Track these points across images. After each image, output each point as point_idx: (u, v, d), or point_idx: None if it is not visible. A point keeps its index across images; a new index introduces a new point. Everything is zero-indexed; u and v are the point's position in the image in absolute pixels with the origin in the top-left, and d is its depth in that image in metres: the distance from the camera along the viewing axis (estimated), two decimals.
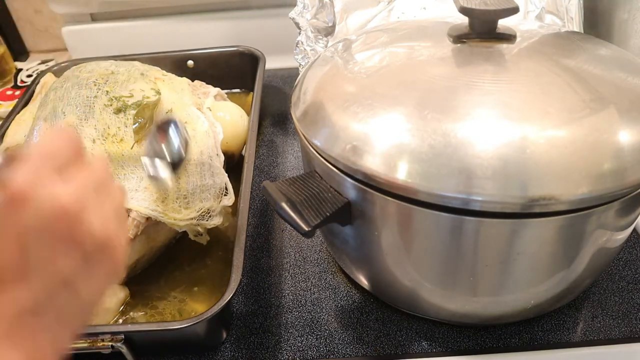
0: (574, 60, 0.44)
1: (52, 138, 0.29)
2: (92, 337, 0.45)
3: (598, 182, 0.36)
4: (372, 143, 0.39)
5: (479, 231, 0.39)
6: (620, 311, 0.51)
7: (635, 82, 0.42)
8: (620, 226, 0.42)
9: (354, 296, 0.54)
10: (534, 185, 0.36)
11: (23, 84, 0.92)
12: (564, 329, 0.50)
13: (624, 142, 0.37)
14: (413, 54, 0.46)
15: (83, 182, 0.29)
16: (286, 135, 0.78)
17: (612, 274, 0.54)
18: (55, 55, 1.02)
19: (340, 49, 0.52)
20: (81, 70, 0.64)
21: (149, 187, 0.54)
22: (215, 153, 0.59)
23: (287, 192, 0.41)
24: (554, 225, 0.38)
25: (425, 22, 0.56)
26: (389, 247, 0.44)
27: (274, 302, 0.54)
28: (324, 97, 0.45)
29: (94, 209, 0.29)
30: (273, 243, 0.61)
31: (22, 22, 1.02)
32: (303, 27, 0.72)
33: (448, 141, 0.37)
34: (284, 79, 0.89)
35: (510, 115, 0.38)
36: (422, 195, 0.37)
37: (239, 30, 0.93)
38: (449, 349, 0.49)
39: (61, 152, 0.29)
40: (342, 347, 0.50)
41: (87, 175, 0.30)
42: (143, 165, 0.48)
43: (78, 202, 0.28)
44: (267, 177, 0.70)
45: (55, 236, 0.27)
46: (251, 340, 0.51)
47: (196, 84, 0.71)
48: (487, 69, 0.42)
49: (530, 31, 0.50)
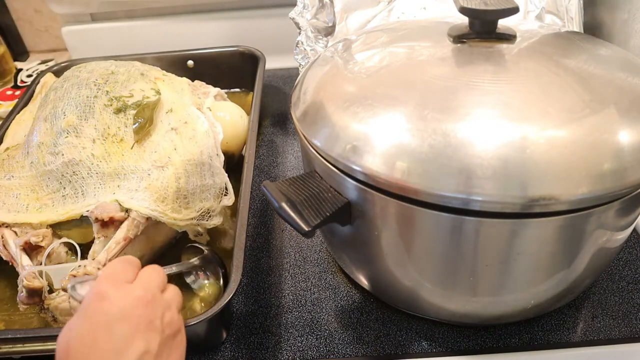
0: (574, 60, 0.44)
1: (114, 262, 0.39)
2: None
3: (598, 182, 0.36)
4: (372, 143, 0.39)
5: (479, 231, 0.39)
6: (620, 311, 0.51)
7: (635, 82, 0.42)
8: (620, 226, 0.42)
9: (354, 296, 0.54)
10: (534, 185, 0.36)
11: (23, 84, 0.92)
12: (564, 329, 0.50)
13: (624, 142, 0.37)
14: (413, 54, 0.46)
15: (147, 282, 0.38)
16: (286, 135, 0.78)
17: (612, 274, 0.54)
18: (55, 55, 1.02)
19: (340, 49, 0.52)
20: (81, 70, 0.64)
21: (149, 187, 0.54)
22: (215, 153, 0.59)
23: (287, 192, 0.41)
24: (554, 225, 0.38)
25: (425, 22, 0.56)
26: (389, 247, 0.44)
27: (274, 302, 0.54)
28: (324, 97, 0.45)
29: (160, 299, 0.37)
30: (273, 243, 0.61)
31: (22, 22, 1.02)
32: (303, 27, 0.72)
33: (448, 141, 0.37)
34: (284, 79, 0.89)
35: (510, 115, 0.38)
36: (422, 195, 0.37)
37: (239, 30, 0.93)
38: (449, 349, 0.49)
39: (126, 268, 0.38)
40: (342, 347, 0.50)
41: (149, 278, 0.38)
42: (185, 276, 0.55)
43: (147, 293, 0.36)
44: (267, 177, 0.70)
45: (135, 320, 0.34)
46: (251, 340, 0.51)
47: (196, 84, 0.71)
48: (487, 69, 0.42)
49: (530, 31, 0.50)
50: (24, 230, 0.53)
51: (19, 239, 0.52)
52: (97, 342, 0.33)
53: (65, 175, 0.55)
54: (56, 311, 0.49)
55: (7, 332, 0.46)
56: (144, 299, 0.36)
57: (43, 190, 0.55)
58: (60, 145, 0.55)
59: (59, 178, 0.55)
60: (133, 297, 0.35)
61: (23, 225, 0.53)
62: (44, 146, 0.56)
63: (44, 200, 0.55)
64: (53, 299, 0.49)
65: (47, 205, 0.55)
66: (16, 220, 0.54)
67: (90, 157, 0.55)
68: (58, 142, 0.56)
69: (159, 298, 0.37)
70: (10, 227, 0.54)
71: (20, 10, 1.01)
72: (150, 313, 0.35)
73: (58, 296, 0.49)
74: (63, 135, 0.56)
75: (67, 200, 0.54)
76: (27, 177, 0.56)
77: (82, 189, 0.54)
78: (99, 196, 0.54)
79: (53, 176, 0.55)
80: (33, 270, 0.50)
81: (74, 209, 0.53)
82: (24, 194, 0.56)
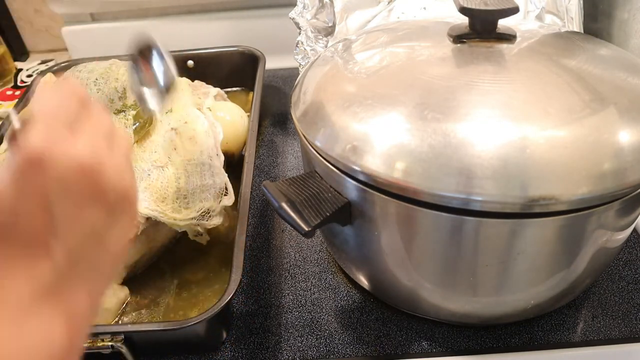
0: (574, 60, 0.44)
1: (56, 93, 0.29)
2: (92, 337, 0.45)
3: (598, 182, 0.36)
4: (372, 143, 0.39)
5: (479, 231, 0.39)
6: (620, 311, 0.51)
7: (635, 82, 0.42)
8: (620, 226, 0.42)
9: (354, 296, 0.54)
10: (534, 185, 0.36)
11: (23, 84, 0.92)
12: (564, 329, 0.50)
13: (624, 142, 0.37)
14: (413, 54, 0.46)
15: (94, 134, 0.29)
16: (286, 135, 0.78)
17: (612, 274, 0.54)
18: (55, 55, 1.02)
19: (340, 49, 0.52)
20: (81, 70, 0.64)
21: (149, 187, 0.54)
22: (215, 153, 0.59)
23: (287, 192, 0.41)
24: (554, 225, 0.38)
25: (425, 22, 0.56)
26: (389, 247, 0.44)
27: (274, 302, 0.54)
28: (324, 97, 0.45)
29: (108, 160, 0.29)
30: (273, 243, 0.61)
31: (22, 22, 1.02)
32: (303, 27, 0.72)
33: (448, 141, 0.37)
34: (284, 79, 0.89)
35: (510, 115, 0.38)
36: (422, 195, 0.37)
37: (239, 30, 0.93)
38: (449, 349, 0.49)
39: (68, 107, 0.29)
40: (342, 347, 0.50)
41: (95, 126, 0.29)
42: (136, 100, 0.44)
43: (94, 156, 0.28)
44: (267, 177, 0.70)
45: (77, 192, 0.27)
46: (251, 340, 0.51)
47: (196, 84, 0.71)
48: (487, 69, 0.42)
49: (530, 31, 0.50)
50: None
51: None
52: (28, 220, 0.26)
53: None
54: None
55: None
56: (89, 167, 0.27)
57: None
58: None
59: None
60: (76, 163, 0.27)
61: None
62: None
63: None
64: None
65: None
66: None
67: None
68: None
69: (108, 160, 0.29)
70: None
71: (20, 10, 1.01)
72: (96, 184, 0.28)
73: None
74: None
75: None
76: None
77: None
78: None
79: None
80: None
81: None
82: None
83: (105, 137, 0.30)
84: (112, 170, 0.29)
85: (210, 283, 0.57)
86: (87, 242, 0.28)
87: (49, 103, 0.28)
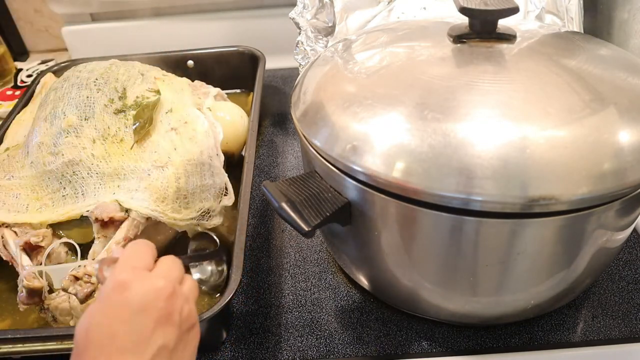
0: (574, 60, 0.44)
1: (133, 245, 0.39)
2: None
3: (598, 182, 0.36)
4: (372, 143, 0.39)
5: (479, 231, 0.39)
6: (620, 311, 0.51)
7: (635, 82, 0.42)
8: (620, 226, 0.42)
9: (354, 296, 0.54)
10: (534, 185, 0.36)
11: (23, 84, 0.92)
12: (564, 329, 0.50)
13: (624, 142, 0.37)
14: (413, 54, 0.46)
15: (167, 272, 0.37)
16: (286, 135, 0.78)
17: (612, 274, 0.54)
18: (55, 55, 1.02)
19: (340, 49, 0.52)
20: (81, 71, 0.64)
21: (149, 187, 0.54)
22: (215, 153, 0.59)
23: (287, 192, 0.41)
24: (554, 225, 0.38)
25: (425, 22, 0.56)
26: (389, 247, 0.44)
27: (274, 302, 0.54)
28: (324, 97, 0.45)
29: (181, 295, 0.37)
30: (273, 243, 0.61)
31: (22, 22, 1.02)
32: (303, 27, 0.72)
33: (448, 141, 0.37)
34: (284, 79, 0.89)
35: (510, 115, 0.38)
36: (422, 195, 0.37)
37: (239, 30, 0.93)
38: (449, 349, 0.49)
39: (144, 254, 0.38)
40: (342, 347, 0.50)
41: (168, 268, 0.38)
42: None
43: (169, 285, 0.36)
44: (267, 177, 0.70)
45: (156, 313, 0.34)
46: (251, 340, 0.51)
47: (196, 84, 0.71)
48: (487, 69, 0.42)
49: (530, 31, 0.50)
50: (24, 231, 0.53)
51: (19, 239, 0.52)
52: (116, 334, 0.33)
53: (65, 175, 0.55)
54: (56, 311, 0.49)
55: (7, 332, 0.46)
56: (165, 291, 0.35)
57: (43, 190, 0.55)
58: (60, 146, 0.55)
59: (59, 178, 0.55)
60: (155, 288, 0.35)
61: (23, 225, 0.53)
62: (44, 146, 0.56)
63: (44, 201, 0.55)
64: (53, 299, 0.49)
65: (47, 206, 0.55)
66: (16, 220, 0.54)
67: (90, 157, 0.55)
68: (58, 142, 0.56)
69: (179, 291, 0.37)
70: (10, 227, 0.54)
71: (20, 10, 1.01)
72: (170, 306, 0.35)
73: (58, 296, 0.49)
74: (63, 135, 0.56)
75: (67, 201, 0.54)
76: (27, 177, 0.56)
77: (82, 189, 0.54)
78: (99, 196, 0.54)
79: (53, 176, 0.55)
80: (33, 270, 0.50)
81: (74, 209, 0.54)
82: (24, 194, 0.56)
83: (177, 277, 0.38)
84: (184, 305, 0.36)
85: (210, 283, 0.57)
86: (161, 354, 0.34)
87: (130, 251, 0.38)
